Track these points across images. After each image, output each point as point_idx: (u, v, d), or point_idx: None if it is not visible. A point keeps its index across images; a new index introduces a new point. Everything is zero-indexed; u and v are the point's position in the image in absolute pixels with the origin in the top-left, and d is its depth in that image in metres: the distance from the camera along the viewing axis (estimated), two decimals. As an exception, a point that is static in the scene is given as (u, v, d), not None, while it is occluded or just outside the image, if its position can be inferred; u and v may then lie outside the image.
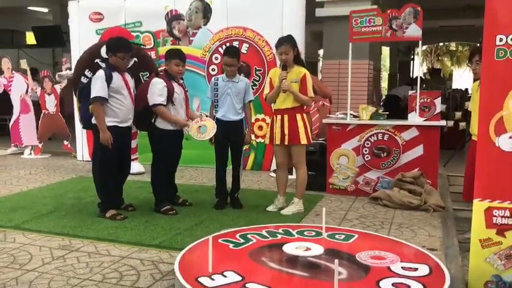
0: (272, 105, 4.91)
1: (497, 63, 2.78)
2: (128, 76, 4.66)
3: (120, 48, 4.51)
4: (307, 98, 4.70)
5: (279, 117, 4.76)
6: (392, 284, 2.76)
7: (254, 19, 6.99)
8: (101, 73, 4.45)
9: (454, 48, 30.06)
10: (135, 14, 7.55)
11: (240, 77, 5.02)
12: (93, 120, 4.53)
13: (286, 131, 4.70)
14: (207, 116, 5.03)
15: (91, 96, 4.42)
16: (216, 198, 5.12)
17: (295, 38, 4.79)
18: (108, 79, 4.42)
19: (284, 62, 4.65)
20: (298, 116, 4.70)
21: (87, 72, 5.85)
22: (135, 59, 5.44)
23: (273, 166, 6.99)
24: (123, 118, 4.58)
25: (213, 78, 5.12)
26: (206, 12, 7.27)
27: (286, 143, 4.73)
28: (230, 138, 4.97)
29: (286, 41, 4.67)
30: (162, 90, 4.61)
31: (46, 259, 3.59)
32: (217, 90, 4.94)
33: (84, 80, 5.69)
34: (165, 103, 4.63)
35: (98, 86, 4.40)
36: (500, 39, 2.76)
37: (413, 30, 5.43)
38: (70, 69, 7.97)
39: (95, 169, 4.74)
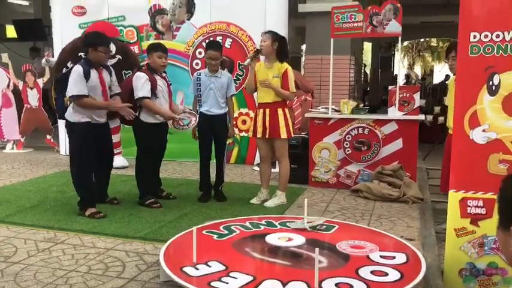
0: (256, 99, 5.00)
1: (471, 60, 2.89)
2: (105, 73, 4.56)
3: (101, 43, 4.45)
4: (289, 93, 4.78)
5: (261, 111, 4.85)
6: (371, 272, 2.87)
7: (237, 14, 7.03)
8: (79, 69, 4.34)
9: (435, 44, 30.46)
10: (118, 8, 7.53)
11: (223, 72, 5.09)
12: (67, 116, 4.48)
13: (267, 125, 4.79)
14: (190, 110, 5.08)
15: (71, 94, 4.36)
16: (200, 191, 5.18)
17: (278, 32, 4.87)
18: (86, 76, 4.34)
19: (260, 48, 4.80)
20: (280, 111, 4.79)
21: (69, 64, 5.84)
22: (119, 56, 5.46)
23: (257, 160, 7.08)
24: (97, 114, 4.49)
25: (195, 74, 5.17)
26: (190, 7, 7.30)
27: (267, 136, 4.82)
28: (214, 132, 5.04)
29: (267, 32, 4.81)
30: (145, 84, 4.64)
31: (31, 251, 3.62)
32: (200, 86, 5.00)
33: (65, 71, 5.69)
34: (149, 95, 4.66)
35: (79, 85, 4.32)
36: (474, 36, 2.87)
37: (393, 27, 5.54)
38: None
39: (72, 166, 4.65)
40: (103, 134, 4.65)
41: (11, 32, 13.60)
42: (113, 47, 5.52)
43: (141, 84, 4.64)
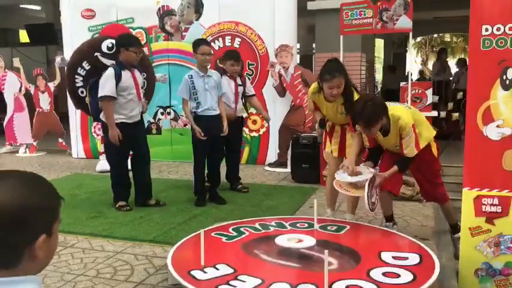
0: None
1: (484, 53, 2.81)
2: (137, 73, 4.78)
3: (132, 43, 4.68)
4: None
5: (337, 127, 4.10)
6: (383, 273, 2.79)
7: (246, 13, 6.99)
8: (111, 72, 4.57)
9: (449, 40, 30.08)
10: (127, 10, 7.53)
11: (212, 71, 5.03)
12: (102, 117, 4.69)
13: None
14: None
15: (99, 95, 4.58)
16: (195, 195, 5.05)
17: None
18: (118, 78, 4.56)
19: (334, 97, 3.76)
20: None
21: (85, 64, 5.89)
22: None
23: (268, 160, 7.03)
24: (131, 115, 4.71)
25: (186, 76, 4.90)
26: (198, 7, 7.26)
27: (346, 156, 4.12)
28: (212, 133, 4.85)
29: (339, 71, 3.68)
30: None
31: (40, 256, 3.61)
32: (194, 88, 4.84)
33: (80, 71, 5.79)
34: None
35: (107, 85, 4.54)
36: (486, 30, 2.79)
37: (404, 22, 5.45)
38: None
39: (109, 166, 5.03)
40: (136, 134, 4.80)
41: (23, 36, 13.75)
42: None
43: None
